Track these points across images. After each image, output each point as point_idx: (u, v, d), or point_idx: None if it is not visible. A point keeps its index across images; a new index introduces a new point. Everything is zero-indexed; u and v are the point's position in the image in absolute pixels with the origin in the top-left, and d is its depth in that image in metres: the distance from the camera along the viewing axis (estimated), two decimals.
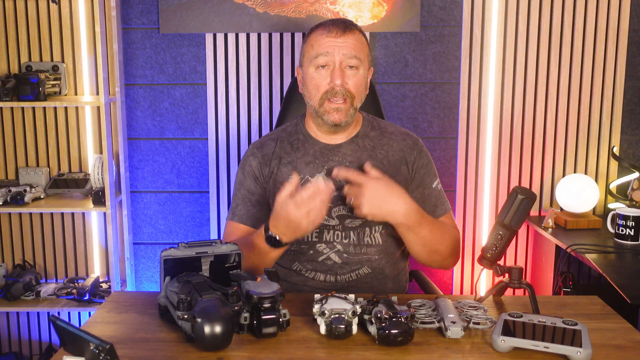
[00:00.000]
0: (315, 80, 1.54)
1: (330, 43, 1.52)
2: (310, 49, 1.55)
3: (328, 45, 1.52)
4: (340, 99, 1.53)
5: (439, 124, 2.61)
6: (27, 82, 2.29)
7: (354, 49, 1.53)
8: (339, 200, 1.57)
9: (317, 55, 1.53)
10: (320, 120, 1.57)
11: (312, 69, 1.55)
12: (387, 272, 1.61)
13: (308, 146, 1.63)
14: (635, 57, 2.58)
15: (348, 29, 1.54)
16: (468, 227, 2.67)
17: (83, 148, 2.60)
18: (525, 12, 2.54)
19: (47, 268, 2.68)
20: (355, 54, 1.53)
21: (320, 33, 1.55)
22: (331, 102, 1.53)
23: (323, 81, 1.53)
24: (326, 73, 1.53)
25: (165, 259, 1.28)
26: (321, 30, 1.55)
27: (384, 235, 1.59)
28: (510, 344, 1.15)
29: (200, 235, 2.69)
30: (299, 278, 1.60)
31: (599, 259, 2.05)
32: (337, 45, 1.52)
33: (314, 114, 1.58)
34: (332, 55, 1.52)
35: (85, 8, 2.51)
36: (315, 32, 1.57)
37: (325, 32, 1.54)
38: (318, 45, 1.54)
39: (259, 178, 1.63)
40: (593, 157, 2.63)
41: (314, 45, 1.55)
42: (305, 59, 1.58)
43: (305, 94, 1.60)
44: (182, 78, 2.58)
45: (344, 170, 1.48)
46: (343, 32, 1.53)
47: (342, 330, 1.19)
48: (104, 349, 0.94)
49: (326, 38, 1.53)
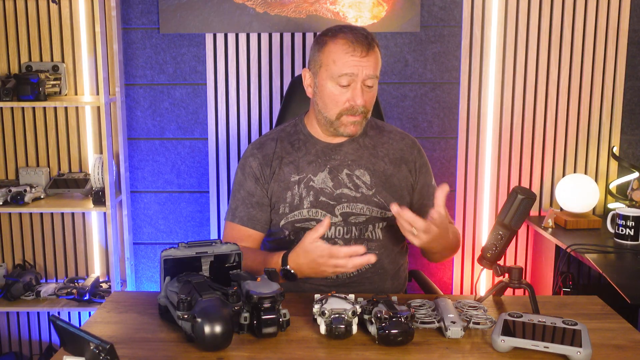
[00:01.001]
0: (335, 97, 1.54)
1: (354, 63, 1.51)
2: (332, 64, 1.52)
3: (352, 65, 1.51)
4: (359, 115, 1.55)
5: (439, 124, 2.61)
6: (27, 82, 2.29)
7: (375, 69, 1.54)
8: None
9: (341, 74, 1.51)
10: (334, 130, 1.59)
11: (331, 83, 1.54)
12: (387, 267, 1.62)
13: (309, 145, 1.64)
14: (635, 57, 2.58)
15: (371, 48, 1.53)
16: (468, 227, 2.67)
17: (83, 148, 2.60)
18: (525, 12, 2.54)
19: (47, 268, 2.68)
20: (376, 74, 1.55)
21: (343, 50, 1.51)
22: (349, 117, 1.55)
23: (343, 97, 1.54)
24: (347, 92, 1.53)
25: (165, 259, 1.28)
26: (344, 45, 1.52)
27: (384, 231, 1.62)
28: (510, 344, 1.15)
29: (200, 235, 2.68)
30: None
31: (598, 259, 2.05)
32: (361, 65, 1.51)
33: (327, 124, 1.59)
34: (356, 76, 1.52)
35: (85, 8, 2.51)
36: (336, 45, 1.53)
37: (350, 49, 1.51)
38: (342, 63, 1.51)
39: (260, 179, 1.64)
40: (593, 157, 2.63)
41: (336, 61, 1.52)
42: (322, 69, 1.55)
43: (319, 103, 1.59)
44: (182, 78, 2.58)
45: (409, 213, 1.40)
46: (367, 52, 1.51)
47: (342, 330, 1.19)
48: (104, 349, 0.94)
49: (351, 57, 1.51)
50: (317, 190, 1.59)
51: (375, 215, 1.59)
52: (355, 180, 1.61)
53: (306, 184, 1.59)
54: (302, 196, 1.59)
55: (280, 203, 1.60)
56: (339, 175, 1.61)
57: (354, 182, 1.60)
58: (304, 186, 1.59)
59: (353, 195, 1.59)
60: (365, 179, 1.61)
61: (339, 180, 1.60)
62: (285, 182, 1.61)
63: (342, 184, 1.60)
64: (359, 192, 1.60)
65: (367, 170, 1.62)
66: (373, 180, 1.61)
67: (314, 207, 1.58)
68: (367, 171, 1.62)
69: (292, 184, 1.60)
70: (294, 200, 1.59)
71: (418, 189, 1.67)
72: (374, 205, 1.59)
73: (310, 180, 1.60)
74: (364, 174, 1.61)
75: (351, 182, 1.60)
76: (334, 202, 1.59)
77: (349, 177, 1.61)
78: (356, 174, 1.61)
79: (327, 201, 1.58)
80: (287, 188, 1.60)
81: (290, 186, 1.60)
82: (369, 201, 1.59)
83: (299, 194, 1.59)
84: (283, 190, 1.60)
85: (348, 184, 1.60)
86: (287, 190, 1.60)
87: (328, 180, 1.60)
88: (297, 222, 1.59)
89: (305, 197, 1.59)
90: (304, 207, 1.58)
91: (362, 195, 1.59)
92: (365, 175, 1.62)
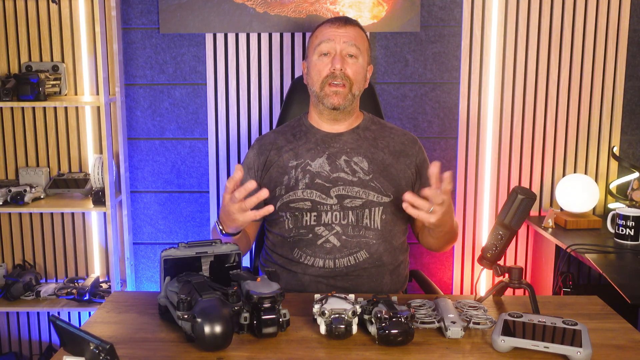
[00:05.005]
0: (317, 67, 1.67)
1: (332, 32, 1.67)
2: (315, 39, 1.70)
3: (330, 34, 1.66)
4: (340, 83, 1.63)
5: (439, 124, 2.61)
6: (27, 82, 2.29)
7: (354, 39, 1.67)
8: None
9: (320, 42, 1.66)
10: (321, 105, 1.67)
11: (315, 56, 1.67)
12: (385, 260, 1.63)
13: (310, 135, 1.71)
14: (635, 57, 2.58)
15: (349, 22, 1.69)
16: (468, 227, 2.67)
17: (83, 148, 2.60)
18: (525, 12, 2.54)
19: (47, 268, 2.68)
20: (355, 43, 1.66)
21: (324, 25, 1.71)
22: (331, 85, 1.64)
23: (324, 67, 1.65)
24: (328, 60, 1.65)
25: (165, 259, 1.28)
26: (325, 23, 1.71)
27: (383, 221, 1.63)
28: (510, 344, 1.15)
29: (200, 235, 2.68)
30: (298, 266, 1.63)
31: (598, 259, 2.05)
32: (338, 34, 1.66)
33: (316, 99, 1.68)
34: (334, 43, 1.65)
35: (85, 8, 2.51)
36: (320, 26, 1.72)
37: (329, 24, 1.69)
38: (321, 34, 1.68)
39: (252, 168, 1.72)
40: (593, 157, 2.63)
41: (317, 35, 1.69)
42: (309, 49, 1.71)
43: (309, 82, 1.71)
44: (182, 78, 2.58)
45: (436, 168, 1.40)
46: (345, 24, 1.68)
47: (342, 330, 1.19)
48: (104, 349, 0.94)
49: (329, 28, 1.68)
50: (313, 174, 1.64)
51: (371, 199, 1.61)
52: (352, 166, 1.65)
53: (303, 168, 1.65)
54: (298, 178, 1.64)
55: (277, 186, 1.65)
56: (336, 160, 1.66)
57: (352, 167, 1.65)
58: (300, 170, 1.65)
59: (350, 179, 1.63)
60: (363, 165, 1.65)
61: (337, 165, 1.65)
62: (283, 167, 1.67)
63: (339, 169, 1.65)
64: (355, 176, 1.63)
65: (366, 158, 1.67)
66: (371, 167, 1.65)
67: (308, 189, 1.62)
68: (366, 159, 1.66)
69: (290, 168, 1.66)
70: (290, 182, 1.64)
71: (421, 184, 1.70)
72: (370, 189, 1.62)
73: (307, 165, 1.65)
74: (362, 161, 1.66)
75: (348, 167, 1.65)
76: (329, 184, 1.62)
77: (346, 163, 1.65)
78: (354, 161, 1.66)
79: (323, 183, 1.62)
80: (285, 172, 1.66)
81: (288, 171, 1.66)
82: (366, 185, 1.62)
83: (295, 176, 1.64)
84: (281, 174, 1.66)
85: (345, 169, 1.65)
86: (285, 174, 1.66)
87: (325, 165, 1.65)
88: (292, 202, 1.62)
89: (301, 179, 1.64)
90: (299, 188, 1.63)
91: (358, 179, 1.63)
92: (364, 162, 1.66)
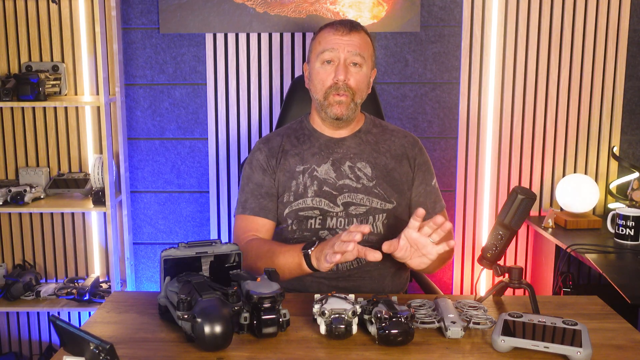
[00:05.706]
0: (320, 75, 1.62)
1: (336, 40, 1.60)
2: (318, 45, 1.64)
3: (334, 42, 1.60)
4: (343, 93, 1.60)
5: (439, 124, 2.61)
6: (27, 82, 2.29)
7: (358, 47, 1.61)
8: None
9: (324, 50, 1.61)
10: (324, 113, 1.64)
11: (318, 63, 1.63)
12: (387, 262, 1.62)
13: (314, 139, 1.70)
14: (635, 57, 2.57)
15: (354, 29, 1.63)
16: (468, 227, 2.67)
17: (83, 148, 2.60)
18: (525, 12, 2.54)
19: (47, 268, 2.68)
20: (360, 52, 1.61)
21: (327, 31, 1.64)
22: (334, 96, 1.61)
23: (328, 76, 1.61)
24: (331, 69, 1.61)
25: (165, 259, 1.28)
26: (329, 28, 1.64)
27: (386, 226, 1.64)
28: (510, 344, 1.15)
29: (200, 235, 2.68)
30: None
31: (598, 259, 2.05)
32: (343, 42, 1.60)
33: (319, 107, 1.65)
34: (338, 52, 1.60)
35: (85, 8, 2.50)
36: (323, 30, 1.65)
37: (333, 30, 1.62)
38: (325, 41, 1.62)
39: (267, 169, 1.68)
40: (593, 157, 2.63)
41: (321, 42, 1.63)
42: (312, 54, 1.66)
43: (311, 88, 1.67)
44: (182, 78, 2.58)
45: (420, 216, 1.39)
46: (349, 31, 1.61)
47: (342, 330, 1.19)
48: (104, 349, 0.94)
49: (333, 36, 1.61)
50: (320, 180, 1.63)
51: (375, 206, 1.62)
52: (357, 172, 1.64)
53: (310, 174, 1.64)
54: (307, 185, 1.63)
55: (286, 192, 1.64)
56: (341, 167, 1.65)
57: (356, 173, 1.64)
58: (308, 176, 1.64)
59: (354, 186, 1.63)
60: (367, 171, 1.65)
61: (342, 172, 1.64)
62: (291, 172, 1.66)
63: (344, 175, 1.64)
64: (359, 183, 1.63)
65: (369, 163, 1.66)
66: (374, 173, 1.65)
67: (317, 197, 1.62)
68: (369, 164, 1.66)
69: (297, 173, 1.65)
70: (299, 189, 1.63)
71: (416, 185, 1.70)
72: (374, 196, 1.62)
73: (314, 171, 1.64)
74: (365, 167, 1.65)
75: (353, 173, 1.64)
76: (336, 192, 1.62)
77: (350, 169, 1.65)
78: (358, 167, 1.65)
79: (330, 191, 1.62)
80: (292, 177, 1.65)
81: (295, 175, 1.65)
82: (370, 192, 1.62)
83: (304, 182, 1.63)
84: (288, 179, 1.65)
85: (350, 175, 1.64)
86: (292, 179, 1.65)
87: (331, 172, 1.64)
88: (301, 210, 1.62)
89: (310, 186, 1.63)
90: (308, 196, 1.62)
91: (362, 186, 1.63)
92: (367, 168, 1.65)
